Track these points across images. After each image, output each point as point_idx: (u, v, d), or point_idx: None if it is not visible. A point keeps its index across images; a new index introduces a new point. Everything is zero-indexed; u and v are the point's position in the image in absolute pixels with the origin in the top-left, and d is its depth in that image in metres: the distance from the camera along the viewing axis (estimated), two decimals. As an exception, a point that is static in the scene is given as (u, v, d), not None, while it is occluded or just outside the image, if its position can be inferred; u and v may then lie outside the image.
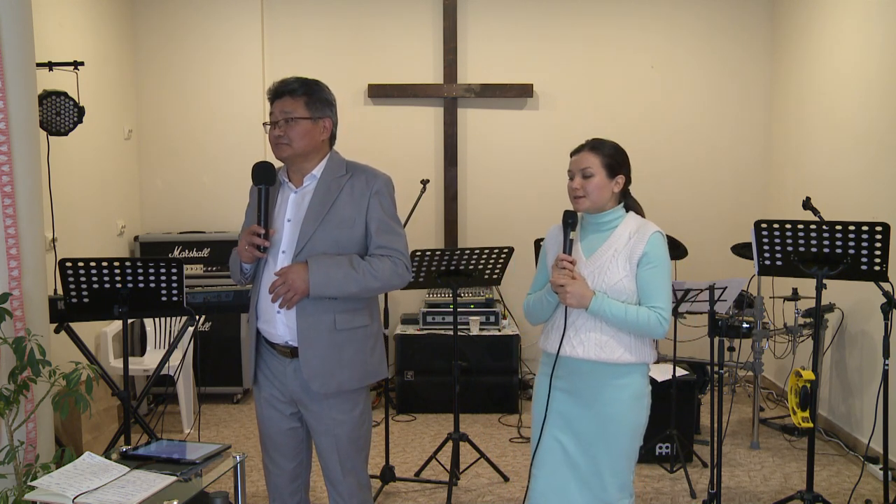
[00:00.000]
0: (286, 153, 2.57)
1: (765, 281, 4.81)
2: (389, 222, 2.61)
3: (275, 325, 2.58)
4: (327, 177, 2.60)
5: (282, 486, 2.72)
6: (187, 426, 4.92)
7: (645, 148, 5.93)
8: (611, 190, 2.55)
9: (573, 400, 2.53)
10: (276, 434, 2.68)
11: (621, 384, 2.48)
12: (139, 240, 5.62)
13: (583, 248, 2.56)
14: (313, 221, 2.54)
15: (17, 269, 2.96)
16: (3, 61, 2.92)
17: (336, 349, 2.55)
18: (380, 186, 2.61)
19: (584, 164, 2.55)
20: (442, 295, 5.59)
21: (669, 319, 2.47)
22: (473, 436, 4.53)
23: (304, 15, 5.92)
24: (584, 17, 5.95)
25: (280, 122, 2.54)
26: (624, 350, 2.47)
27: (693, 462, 4.34)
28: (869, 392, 4.42)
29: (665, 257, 2.49)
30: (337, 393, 2.57)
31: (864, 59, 4.62)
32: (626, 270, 2.46)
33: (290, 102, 2.55)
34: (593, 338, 2.47)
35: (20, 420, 2.87)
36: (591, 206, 2.53)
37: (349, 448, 2.63)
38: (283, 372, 2.61)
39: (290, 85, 2.57)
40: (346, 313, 2.56)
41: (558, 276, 2.44)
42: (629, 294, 2.46)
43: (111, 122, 5.45)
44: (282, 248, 2.57)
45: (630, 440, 2.51)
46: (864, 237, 3.13)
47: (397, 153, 5.93)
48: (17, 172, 2.97)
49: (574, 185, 2.54)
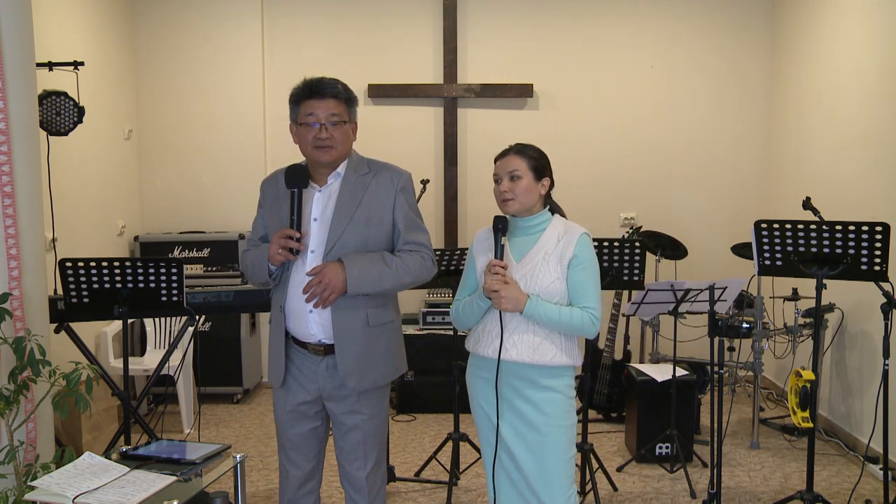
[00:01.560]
0: (332, 156, 2.57)
1: (765, 281, 4.81)
2: (415, 218, 2.67)
3: (307, 324, 2.57)
4: (351, 175, 2.61)
5: (297, 486, 2.71)
6: (187, 426, 4.92)
7: (645, 148, 5.95)
8: (538, 192, 2.58)
9: (508, 404, 2.53)
10: (297, 436, 2.68)
11: (553, 385, 2.50)
12: (139, 240, 5.63)
13: (512, 251, 2.58)
14: (342, 220, 2.55)
15: (17, 269, 2.96)
16: (3, 61, 2.92)
17: (369, 346, 2.59)
18: (405, 183, 2.66)
19: (511, 166, 2.58)
20: (442, 295, 5.59)
21: (600, 318, 2.50)
22: (473, 436, 4.51)
23: (304, 15, 5.92)
24: (584, 17, 5.95)
25: (326, 124, 2.53)
26: (557, 351, 2.49)
27: (693, 462, 4.34)
28: (869, 392, 4.42)
29: (593, 258, 2.53)
30: (370, 389, 2.61)
31: (864, 59, 4.62)
32: (558, 273, 2.48)
33: (335, 105, 2.55)
34: (526, 340, 2.48)
35: (20, 420, 2.87)
36: (519, 208, 2.57)
37: (374, 443, 2.67)
38: (315, 370, 2.61)
39: (335, 87, 2.56)
40: (376, 309, 2.61)
41: (492, 282, 2.44)
42: (561, 296, 2.48)
43: (111, 122, 5.45)
44: (311, 248, 2.58)
45: (568, 441, 2.51)
46: (864, 237, 3.13)
47: (397, 153, 5.86)
48: (17, 172, 2.97)
49: (502, 188, 2.58)
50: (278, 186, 2.66)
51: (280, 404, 2.69)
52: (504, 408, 2.53)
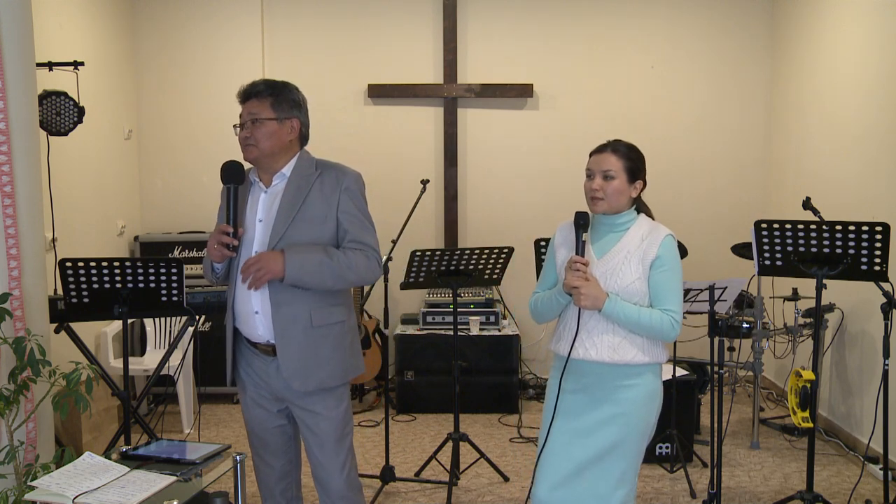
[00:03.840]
0: (253, 154, 2.60)
1: (765, 281, 4.81)
2: (361, 217, 2.63)
3: (253, 325, 2.59)
4: (297, 176, 2.61)
5: (272, 484, 2.74)
6: (187, 426, 4.92)
7: (645, 148, 5.84)
8: (629, 194, 2.54)
9: (584, 399, 2.51)
10: (263, 432, 2.70)
11: (633, 384, 2.47)
12: (139, 240, 5.62)
13: (594, 248, 2.54)
14: (284, 220, 2.56)
15: (17, 269, 2.96)
16: (3, 61, 2.92)
17: (313, 347, 2.57)
18: (349, 183, 2.61)
19: (607, 165, 2.52)
20: (442, 295, 5.59)
21: (681, 322, 2.47)
22: (473, 436, 4.53)
23: (304, 15, 5.92)
24: (585, 16, 5.95)
25: (247, 123, 2.58)
26: (637, 350, 2.46)
27: (693, 462, 4.34)
28: (869, 392, 4.42)
29: (677, 260, 2.49)
30: (319, 390, 2.59)
31: (864, 59, 4.62)
32: (639, 272, 2.45)
33: (255, 104, 2.59)
34: (606, 340, 2.46)
35: (20, 420, 2.87)
36: (607, 209, 2.52)
37: (336, 445, 2.65)
38: (266, 370, 2.62)
39: (257, 87, 2.61)
40: (322, 309, 2.58)
41: (572, 278, 2.42)
42: (641, 296, 2.45)
43: (111, 122, 5.45)
44: (255, 248, 2.59)
45: (639, 440, 2.50)
46: (863, 237, 3.13)
47: (397, 153, 5.93)
48: (17, 172, 2.97)
49: (594, 186, 2.52)
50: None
51: (242, 402, 2.74)
52: (582, 403, 2.49)
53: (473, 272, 3.95)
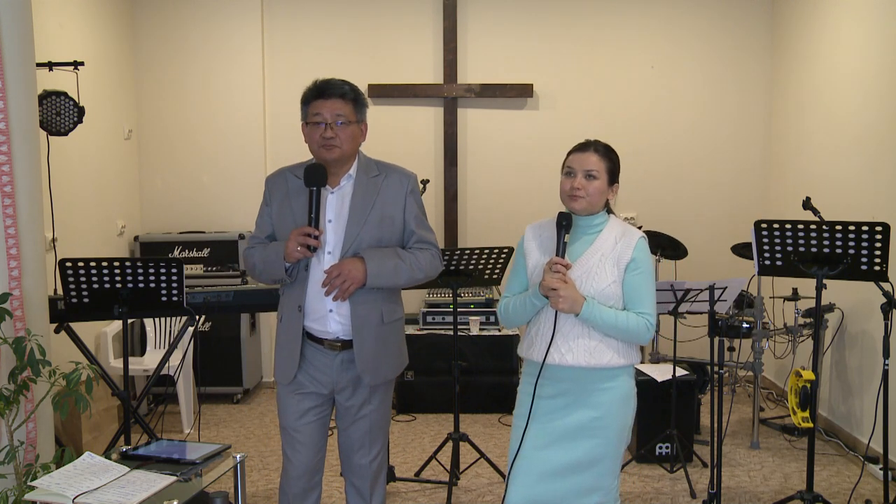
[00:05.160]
0: (335, 155, 2.62)
1: (765, 281, 4.81)
2: (423, 219, 2.79)
3: (326, 322, 2.66)
4: (362, 177, 2.69)
5: (302, 481, 2.75)
6: (187, 426, 4.92)
7: (645, 148, 5.94)
8: (607, 197, 2.54)
9: (560, 403, 2.48)
10: (304, 426, 2.73)
11: (609, 387, 2.46)
12: (139, 240, 5.62)
13: (568, 251, 2.50)
14: (358, 221, 2.64)
15: (17, 269, 2.96)
16: (3, 61, 2.92)
17: (382, 342, 2.71)
18: (413, 185, 2.77)
19: (590, 165, 2.50)
20: (442, 295, 5.59)
21: (655, 325, 2.47)
22: (473, 436, 4.53)
23: (304, 15, 5.92)
24: (585, 17, 5.95)
25: (332, 123, 2.59)
26: (613, 353, 2.45)
27: (693, 462, 4.34)
28: (869, 392, 4.42)
29: (651, 263, 2.50)
30: (384, 383, 2.74)
31: (864, 59, 4.62)
32: (615, 275, 2.44)
33: (341, 105, 2.61)
34: (582, 344, 2.44)
35: (20, 420, 2.87)
36: (587, 208, 2.50)
37: (379, 432, 2.78)
38: (329, 365, 2.69)
39: (342, 88, 2.63)
40: (389, 305, 2.73)
41: (552, 280, 2.37)
42: (616, 299, 2.44)
43: (111, 122, 5.45)
44: (327, 249, 2.64)
45: (617, 443, 2.48)
46: (863, 237, 3.13)
47: (397, 153, 5.84)
48: (17, 172, 2.97)
49: (576, 185, 2.48)
50: (287, 185, 2.71)
51: (288, 398, 2.74)
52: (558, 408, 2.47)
53: (473, 272, 3.95)
